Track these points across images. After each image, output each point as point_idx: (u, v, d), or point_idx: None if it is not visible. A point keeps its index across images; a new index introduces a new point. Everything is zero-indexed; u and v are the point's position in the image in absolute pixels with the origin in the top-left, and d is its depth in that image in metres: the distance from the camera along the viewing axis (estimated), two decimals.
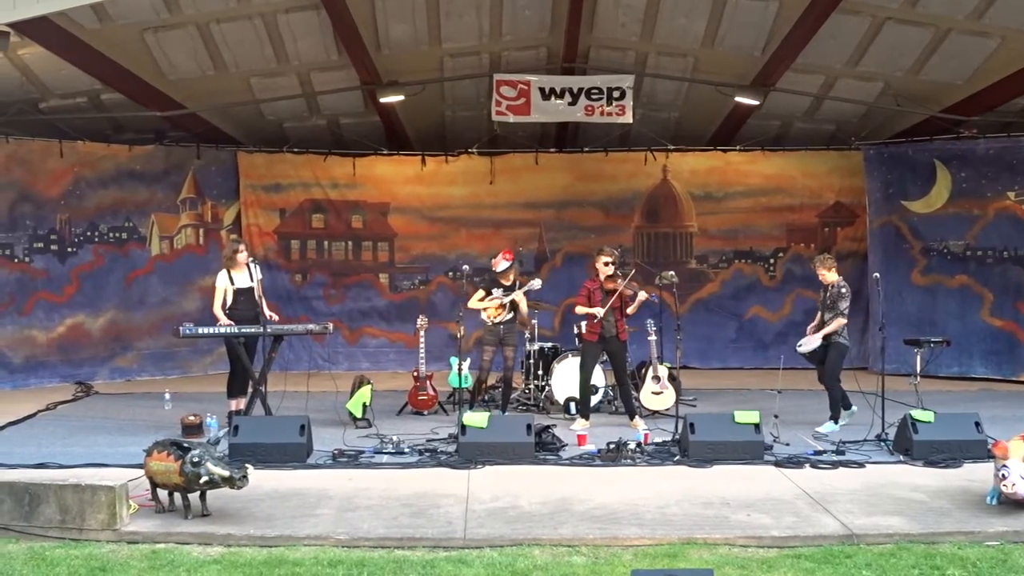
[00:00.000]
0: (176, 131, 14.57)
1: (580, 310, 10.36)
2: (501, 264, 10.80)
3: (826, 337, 10.03)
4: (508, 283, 10.72)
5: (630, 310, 10.36)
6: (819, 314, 10.28)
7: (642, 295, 10.31)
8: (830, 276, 10.16)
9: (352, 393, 10.52)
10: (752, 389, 12.79)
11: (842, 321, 9.98)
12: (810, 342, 10.14)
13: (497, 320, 10.60)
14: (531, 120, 13.89)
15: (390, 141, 15.57)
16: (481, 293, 10.78)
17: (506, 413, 10.74)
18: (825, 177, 15.78)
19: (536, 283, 10.73)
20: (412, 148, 15.76)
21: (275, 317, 10.31)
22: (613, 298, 10.19)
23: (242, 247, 10.54)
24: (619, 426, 10.16)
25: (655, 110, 14.92)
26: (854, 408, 10.05)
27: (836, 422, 9.97)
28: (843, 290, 10.06)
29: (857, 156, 15.20)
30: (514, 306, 10.67)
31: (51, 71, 12.18)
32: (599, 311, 10.14)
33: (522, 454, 8.48)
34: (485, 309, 10.67)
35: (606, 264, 10.31)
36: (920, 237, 14.62)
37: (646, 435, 9.41)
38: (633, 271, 10.58)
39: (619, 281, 10.27)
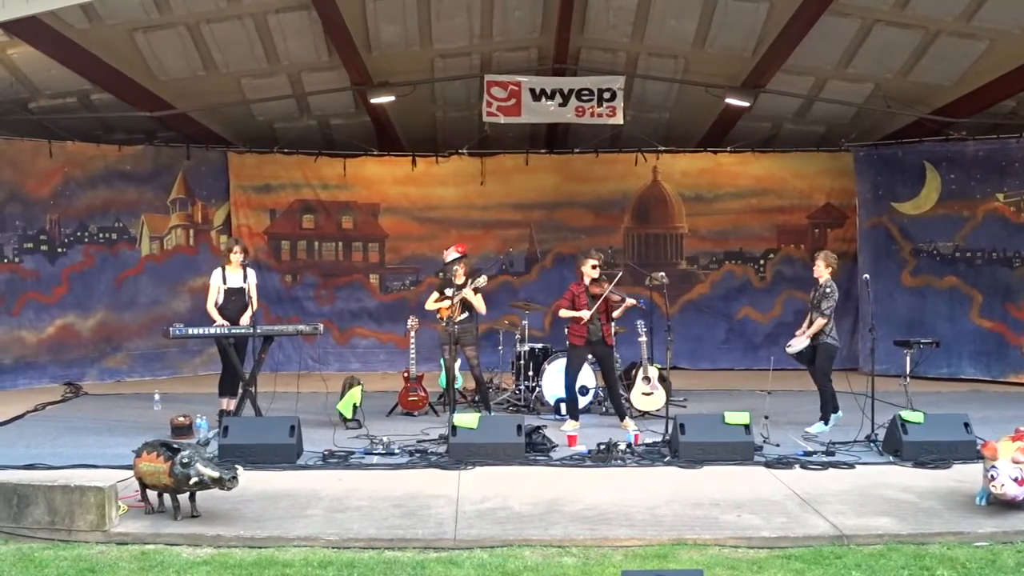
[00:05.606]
0: (166, 131, 14.53)
1: (564, 313, 10.34)
2: (451, 255, 10.97)
3: (813, 337, 10.02)
4: (459, 282, 10.72)
5: (615, 314, 10.40)
6: (808, 315, 10.29)
7: (630, 300, 10.33)
8: (823, 272, 10.07)
9: (342, 394, 10.52)
10: (742, 390, 12.79)
11: (823, 321, 9.91)
12: (797, 343, 10.12)
13: (447, 320, 10.57)
14: (522, 121, 13.90)
15: (380, 142, 15.55)
16: (436, 295, 10.86)
17: (491, 413, 10.73)
18: (815, 178, 15.82)
19: (482, 280, 10.71)
20: (402, 149, 15.74)
21: (244, 320, 10.31)
22: (599, 302, 10.21)
23: (238, 248, 10.59)
24: (609, 427, 10.16)
25: (645, 111, 14.93)
26: (840, 412, 10.01)
27: (826, 423, 9.97)
28: (828, 290, 10.00)
29: (847, 157, 15.23)
30: (469, 306, 10.70)
31: (40, 71, 12.14)
32: (585, 313, 10.15)
33: (512, 455, 8.48)
34: (438, 310, 10.75)
35: (593, 267, 10.33)
36: (909, 238, 14.65)
37: (636, 436, 9.41)
38: (620, 274, 10.57)
39: (604, 285, 10.29)
